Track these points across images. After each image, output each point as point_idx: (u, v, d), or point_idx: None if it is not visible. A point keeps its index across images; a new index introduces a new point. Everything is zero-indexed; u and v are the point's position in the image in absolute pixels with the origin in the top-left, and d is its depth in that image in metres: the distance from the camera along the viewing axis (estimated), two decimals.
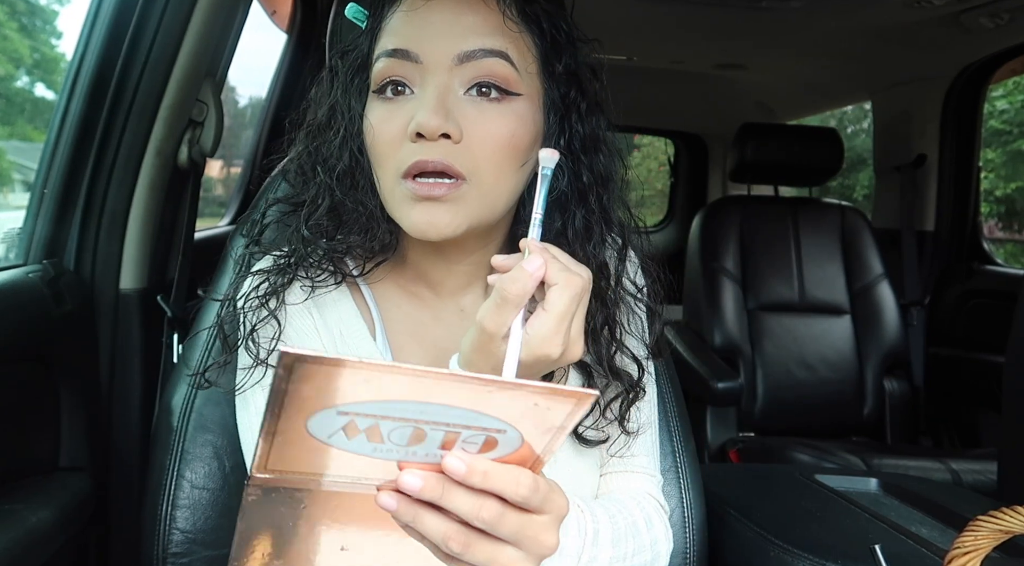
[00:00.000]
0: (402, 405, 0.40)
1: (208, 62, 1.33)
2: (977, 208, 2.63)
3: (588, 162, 0.71)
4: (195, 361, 0.92)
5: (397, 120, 0.66)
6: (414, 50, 0.66)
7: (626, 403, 0.75)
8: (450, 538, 0.44)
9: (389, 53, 0.66)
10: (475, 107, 0.66)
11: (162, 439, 0.92)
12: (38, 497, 1.09)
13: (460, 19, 0.66)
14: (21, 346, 1.10)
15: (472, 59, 0.65)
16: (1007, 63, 2.42)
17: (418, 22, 0.66)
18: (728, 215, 2.49)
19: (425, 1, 0.66)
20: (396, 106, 0.66)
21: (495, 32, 0.66)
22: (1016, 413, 1.40)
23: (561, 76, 0.70)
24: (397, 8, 0.68)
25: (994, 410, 2.28)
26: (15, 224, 1.29)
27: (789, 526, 1.05)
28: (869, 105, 2.95)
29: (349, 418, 0.40)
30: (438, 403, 0.40)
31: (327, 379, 0.39)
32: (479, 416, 0.41)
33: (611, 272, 0.73)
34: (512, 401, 0.41)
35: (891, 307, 2.40)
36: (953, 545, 0.70)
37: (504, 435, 0.42)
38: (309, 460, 0.43)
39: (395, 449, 0.42)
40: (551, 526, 0.47)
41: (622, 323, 0.75)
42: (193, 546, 0.90)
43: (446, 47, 0.65)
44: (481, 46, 0.65)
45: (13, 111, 2.69)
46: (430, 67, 0.65)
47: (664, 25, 2.30)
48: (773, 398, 2.35)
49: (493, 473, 0.43)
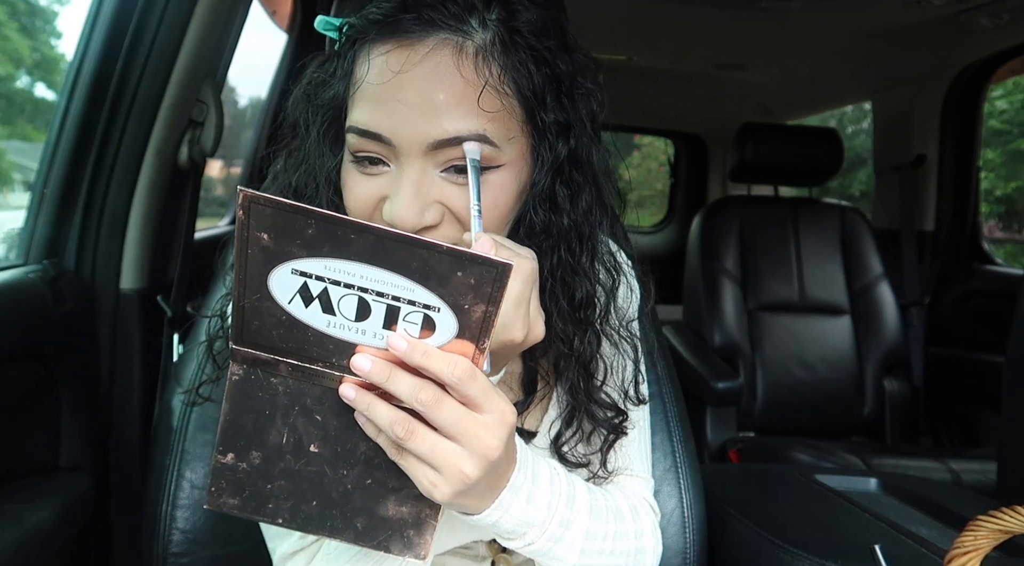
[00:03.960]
0: (348, 266, 0.45)
1: (208, 62, 1.33)
2: (977, 208, 2.62)
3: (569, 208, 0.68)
4: (188, 378, 0.92)
5: (371, 193, 0.64)
6: (386, 134, 0.61)
7: (607, 444, 0.74)
8: (396, 423, 0.48)
9: (361, 132, 0.62)
10: (452, 186, 0.62)
11: (162, 439, 0.92)
12: (38, 497, 1.09)
13: (431, 98, 0.60)
14: (21, 346, 1.10)
15: (447, 146, 0.61)
16: (1007, 63, 2.42)
17: (388, 101, 0.61)
18: (728, 215, 2.49)
19: (394, 74, 0.60)
20: (371, 178, 0.64)
21: (470, 113, 0.60)
22: (1016, 413, 1.40)
23: (551, 127, 0.65)
24: (367, 74, 0.62)
25: (994, 410, 2.28)
26: (15, 224, 1.29)
27: (789, 526, 1.05)
28: (869, 105, 2.96)
29: (303, 280, 0.45)
30: (380, 266, 0.45)
31: (284, 227, 0.43)
32: (417, 288, 0.46)
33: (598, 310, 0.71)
34: (444, 269, 0.45)
35: (891, 307, 2.40)
36: (953, 545, 0.70)
37: (440, 315, 0.47)
38: (278, 333, 0.48)
39: (346, 325, 0.47)
40: (493, 427, 0.50)
41: (607, 363, 0.74)
42: (193, 546, 0.90)
43: (418, 133, 0.60)
44: (456, 133, 0.60)
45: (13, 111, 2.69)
46: (402, 151, 0.61)
47: (664, 25, 2.30)
48: (773, 398, 2.35)
49: (432, 353, 0.48)
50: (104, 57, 1.20)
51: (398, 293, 0.46)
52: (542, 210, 0.67)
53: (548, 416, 0.75)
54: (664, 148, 4.10)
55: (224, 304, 0.77)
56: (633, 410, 0.78)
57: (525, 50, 0.63)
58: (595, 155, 0.69)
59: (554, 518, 0.62)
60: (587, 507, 0.66)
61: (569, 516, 0.63)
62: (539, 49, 0.64)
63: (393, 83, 0.60)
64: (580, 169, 0.68)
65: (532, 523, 0.60)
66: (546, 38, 0.65)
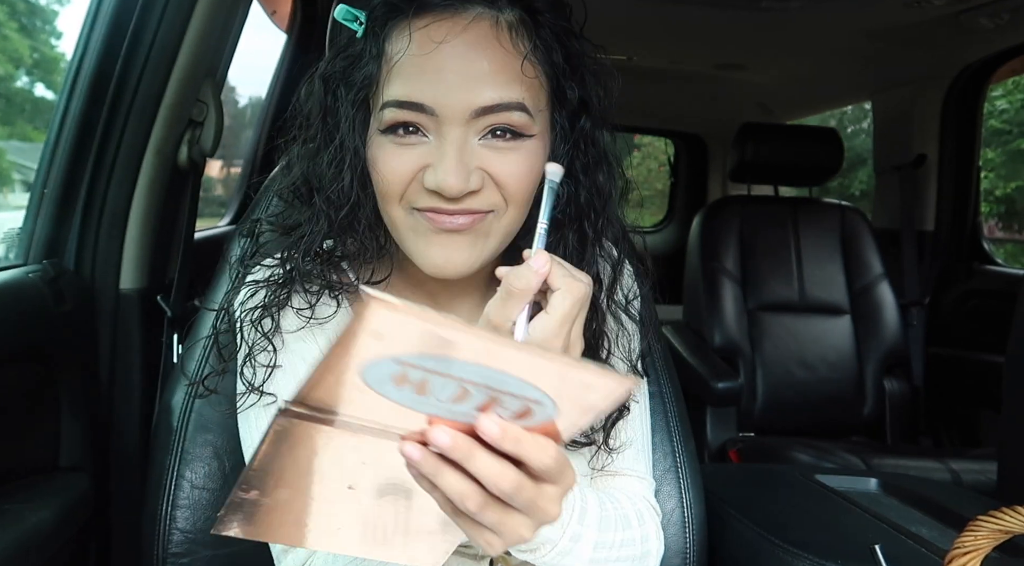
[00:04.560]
0: (462, 365, 0.41)
1: (208, 62, 1.33)
2: (977, 208, 2.63)
3: (587, 183, 0.71)
4: (192, 370, 0.92)
5: (409, 163, 0.65)
6: (430, 103, 0.63)
7: (610, 420, 0.75)
8: (467, 498, 0.45)
9: (403, 104, 0.64)
10: (492, 151, 0.65)
11: (162, 439, 0.92)
12: (38, 497, 1.09)
13: (474, 66, 0.63)
14: (21, 346, 1.10)
15: (490, 113, 0.63)
16: (1007, 63, 2.42)
17: (431, 71, 0.63)
18: (728, 215, 2.48)
19: (437, 44, 0.63)
20: (408, 148, 0.65)
21: (512, 81, 0.64)
22: (1016, 413, 1.40)
23: (570, 104, 0.69)
24: (406, 50, 0.64)
25: (994, 410, 2.28)
26: (15, 224, 1.29)
27: (789, 526, 1.05)
28: (869, 105, 2.95)
29: (403, 369, 0.41)
30: (496, 368, 0.41)
31: (401, 328, 0.40)
32: (527, 386, 0.42)
33: (604, 285, 0.74)
34: (563, 377, 0.42)
35: (891, 307, 2.40)
36: (953, 545, 0.70)
37: (540, 407, 0.44)
38: (349, 400, 0.44)
39: (435, 404, 0.43)
40: (558, 497, 0.48)
41: (610, 337, 0.76)
42: (193, 546, 0.90)
43: (462, 101, 0.63)
44: (499, 100, 0.63)
45: (13, 111, 2.69)
46: (445, 119, 0.63)
47: (664, 25, 2.30)
48: (773, 398, 2.35)
49: (524, 440, 0.44)
50: (104, 57, 1.20)
51: (506, 388, 0.43)
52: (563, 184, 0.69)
53: None
54: (664, 148, 4.10)
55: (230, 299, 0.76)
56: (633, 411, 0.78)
57: (547, 29, 0.67)
58: (607, 135, 0.72)
59: (566, 534, 0.63)
60: (597, 519, 0.66)
61: (580, 531, 0.64)
62: (558, 29, 0.68)
63: (435, 54, 0.63)
64: (595, 145, 0.71)
65: (545, 541, 0.62)
66: (562, 19, 0.68)
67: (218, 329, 0.77)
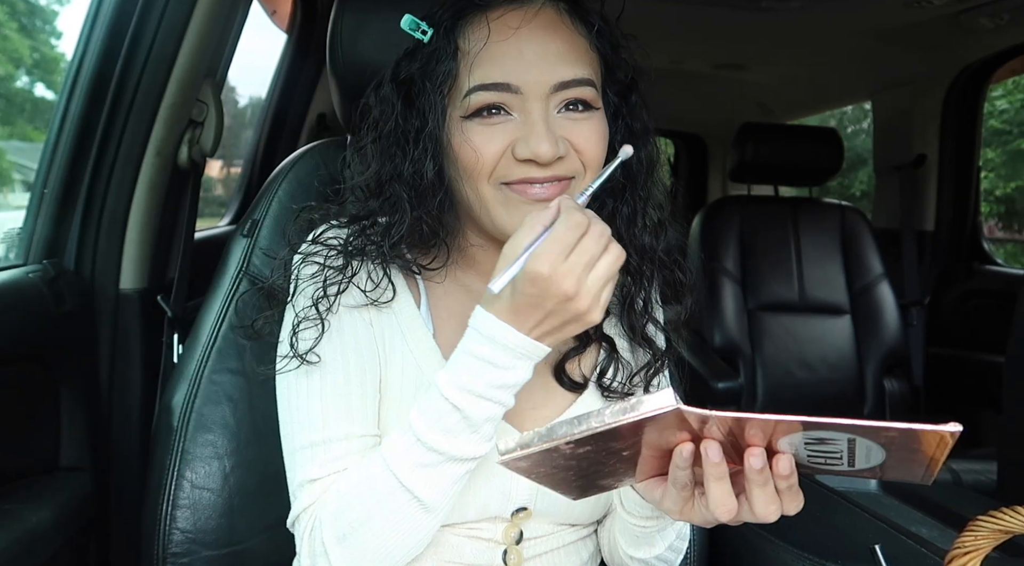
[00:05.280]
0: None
1: (208, 62, 1.33)
2: (977, 208, 2.63)
3: (638, 154, 0.78)
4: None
5: (498, 140, 0.71)
6: (514, 82, 0.70)
7: (653, 370, 0.83)
8: (727, 511, 0.58)
9: (489, 86, 0.70)
10: (570, 122, 0.72)
11: (162, 439, 0.92)
12: (38, 497, 1.09)
13: (550, 46, 0.71)
14: (21, 346, 1.10)
15: (567, 88, 0.71)
16: (1007, 63, 2.41)
17: (513, 53, 0.70)
18: (728, 215, 2.48)
19: (515, 30, 0.70)
20: (496, 128, 0.71)
21: (582, 59, 0.72)
22: (1016, 413, 1.40)
23: (620, 84, 0.79)
24: (488, 39, 0.71)
25: (994, 410, 2.28)
26: (15, 224, 1.29)
27: (789, 526, 1.05)
28: (869, 105, 2.95)
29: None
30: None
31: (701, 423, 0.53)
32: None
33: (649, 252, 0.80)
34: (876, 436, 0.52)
35: (891, 307, 2.40)
36: (953, 545, 0.70)
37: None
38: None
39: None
40: None
41: (652, 299, 0.84)
42: (193, 546, 0.90)
43: (543, 77, 0.70)
44: (575, 76, 0.71)
45: (13, 111, 2.70)
46: (529, 95, 0.70)
47: (664, 25, 2.30)
48: (773, 398, 2.34)
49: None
50: (104, 57, 1.20)
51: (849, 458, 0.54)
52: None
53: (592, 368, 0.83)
54: (664, 148, 4.10)
55: (288, 259, 0.80)
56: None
57: (595, 16, 0.76)
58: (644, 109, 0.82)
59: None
60: None
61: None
62: (601, 17, 0.76)
63: (513, 39, 0.70)
64: (643, 119, 0.81)
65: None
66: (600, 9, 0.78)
67: (273, 281, 0.80)
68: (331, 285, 0.74)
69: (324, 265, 0.75)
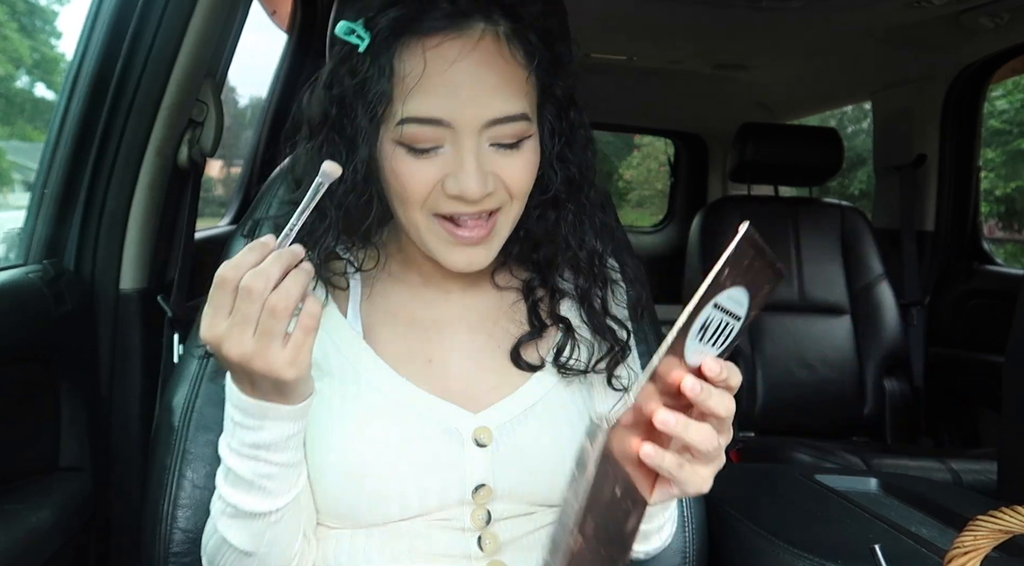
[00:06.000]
0: (741, 294, 0.53)
1: (208, 62, 1.33)
2: (977, 208, 2.62)
3: (577, 161, 0.78)
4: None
5: (428, 173, 0.70)
6: (447, 118, 0.68)
7: (613, 360, 0.82)
8: (706, 442, 0.55)
9: (423, 120, 0.68)
10: (500, 156, 0.71)
11: (163, 439, 0.92)
12: (38, 497, 1.09)
13: (487, 80, 0.69)
14: (21, 346, 1.10)
15: (499, 124, 0.70)
16: (1007, 63, 2.41)
17: (447, 89, 0.68)
18: (728, 215, 2.48)
19: (451, 63, 0.68)
20: (427, 161, 0.70)
21: (518, 93, 0.71)
22: (1016, 413, 1.40)
23: (559, 100, 0.76)
24: (424, 72, 0.68)
25: (994, 410, 2.28)
26: (15, 224, 1.29)
27: (789, 526, 1.05)
28: (869, 105, 2.95)
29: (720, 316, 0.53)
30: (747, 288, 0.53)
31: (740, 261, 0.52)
32: (746, 302, 0.54)
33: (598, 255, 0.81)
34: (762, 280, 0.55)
35: (891, 307, 2.40)
36: (953, 545, 0.70)
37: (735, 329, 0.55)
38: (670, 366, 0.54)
39: (697, 346, 0.53)
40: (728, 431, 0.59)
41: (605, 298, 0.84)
42: (194, 546, 0.89)
43: (477, 112, 0.69)
44: (508, 113, 0.70)
45: (13, 111, 2.70)
46: (460, 131, 0.69)
47: (664, 25, 2.30)
48: (773, 398, 2.34)
49: (733, 376, 0.56)
50: (104, 57, 1.20)
51: (737, 311, 0.53)
52: (558, 169, 0.77)
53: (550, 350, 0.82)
54: (664, 148, 4.10)
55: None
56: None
57: (537, 32, 0.72)
58: (582, 116, 0.80)
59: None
60: None
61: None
62: (545, 30, 0.73)
63: (450, 72, 0.68)
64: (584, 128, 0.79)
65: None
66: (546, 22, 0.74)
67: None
68: None
69: None
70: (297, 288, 0.57)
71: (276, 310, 0.56)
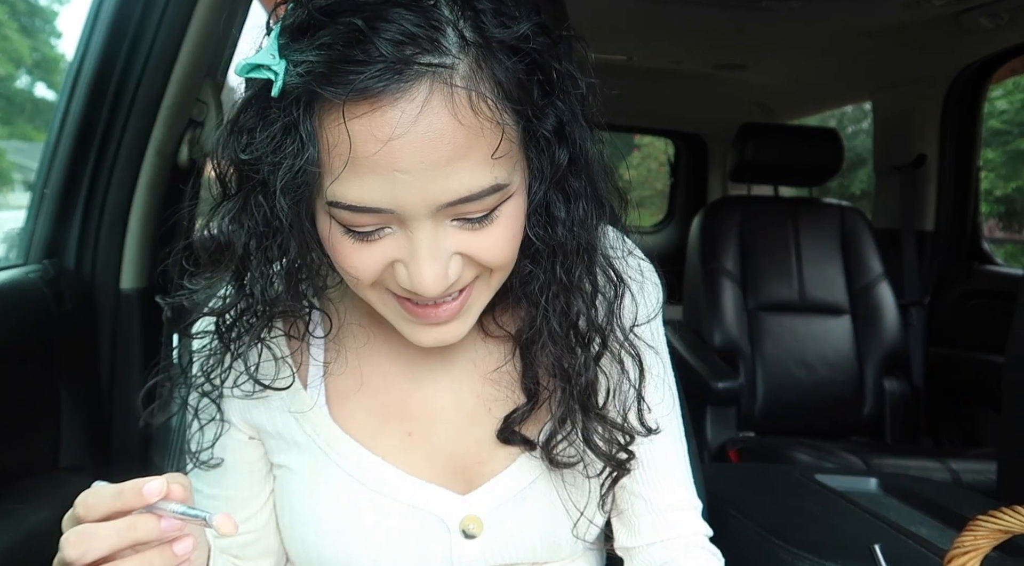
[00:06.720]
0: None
1: (208, 62, 1.33)
2: (977, 208, 2.62)
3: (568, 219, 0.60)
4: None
5: (377, 258, 0.55)
6: (387, 207, 0.52)
7: (610, 480, 0.68)
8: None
9: (356, 209, 0.52)
10: (467, 232, 0.55)
11: (162, 439, 0.92)
12: (38, 497, 1.09)
13: (433, 158, 0.50)
14: (21, 346, 1.10)
15: (461, 204, 0.53)
16: (1007, 63, 2.41)
17: (383, 171, 0.50)
18: (728, 215, 2.48)
19: (384, 143, 0.49)
20: (372, 244, 0.55)
21: (478, 165, 0.52)
22: (1016, 413, 1.40)
23: (549, 137, 0.56)
24: (352, 147, 0.50)
25: (994, 410, 2.27)
26: (15, 224, 1.29)
27: (789, 526, 1.05)
28: (869, 105, 2.95)
29: None
30: None
31: None
32: None
33: (596, 323, 0.64)
34: None
35: (891, 307, 2.40)
36: (953, 545, 0.70)
37: None
38: None
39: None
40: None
41: (613, 384, 0.66)
42: None
43: (425, 199, 0.52)
44: (467, 192, 0.52)
45: (13, 111, 2.69)
46: (409, 216, 0.53)
47: (664, 25, 2.30)
48: (773, 398, 2.34)
49: None
50: (104, 57, 1.20)
51: None
52: (538, 226, 0.59)
53: (540, 429, 0.68)
54: (664, 148, 4.10)
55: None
56: (663, 434, 0.70)
57: (510, 55, 0.52)
58: (591, 148, 0.60)
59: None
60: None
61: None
62: (525, 50, 0.53)
63: (384, 153, 0.49)
64: (577, 172, 0.59)
65: None
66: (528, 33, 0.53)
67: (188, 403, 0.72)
68: (215, 377, 0.66)
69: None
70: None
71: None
